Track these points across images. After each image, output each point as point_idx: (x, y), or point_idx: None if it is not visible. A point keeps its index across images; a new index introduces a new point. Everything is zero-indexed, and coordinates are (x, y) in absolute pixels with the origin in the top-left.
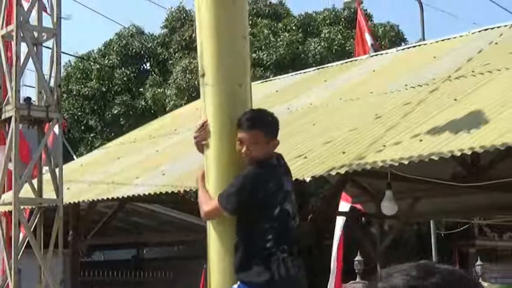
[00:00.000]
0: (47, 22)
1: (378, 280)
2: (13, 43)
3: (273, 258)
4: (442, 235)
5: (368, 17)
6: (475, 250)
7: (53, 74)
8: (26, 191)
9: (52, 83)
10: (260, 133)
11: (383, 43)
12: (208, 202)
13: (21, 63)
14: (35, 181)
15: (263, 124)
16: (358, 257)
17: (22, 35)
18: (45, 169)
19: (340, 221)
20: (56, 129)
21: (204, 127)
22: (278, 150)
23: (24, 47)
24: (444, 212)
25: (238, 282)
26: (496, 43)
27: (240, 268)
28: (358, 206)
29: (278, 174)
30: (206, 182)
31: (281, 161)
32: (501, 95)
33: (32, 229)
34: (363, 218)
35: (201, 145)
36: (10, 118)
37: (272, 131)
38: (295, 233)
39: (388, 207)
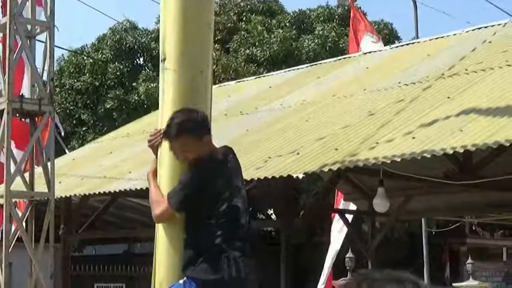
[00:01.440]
0: (41, 15)
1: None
2: (7, 36)
3: (223, 255)
4: (434, 233)
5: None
6: (466, 248)
7: (46, 68)
8: (18, 185)
9: (45, 77)
10: (187, 137)
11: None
12: (160, 204)
13: (14, 56)
14: (27, 175)
15: (188, 127)
16: (349, 254)
17: (15, 28)
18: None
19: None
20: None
21: (160, 133)
22: (270, 146)
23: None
24: (436, 210)
25: (184, 278)
26: (490, 42)
27: (188, 264)
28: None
29: (224, 170)
30: (159, 178)
31: (228, 156)
32: (493, 93)
33: (23, 223)
34: None
35: (155, 148)
36: (2, 110)
37: (200, 129)
38: (248, 230)
39: (380, 204)
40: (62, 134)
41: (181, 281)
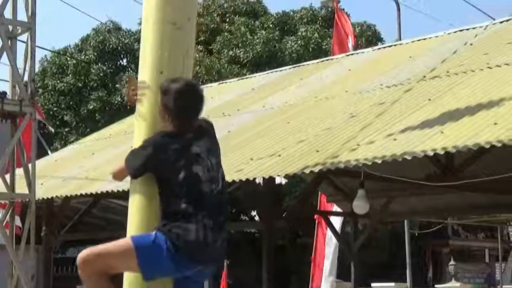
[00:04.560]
0: (22, 16)
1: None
2: None
3: (193, 219)
4: (416, 234)
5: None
6: (449, 249)
7: (27, 68)
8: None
9: (26, 78)
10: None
11: (359, 42)
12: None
13: None
14: (8, 176)
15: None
16: None
17: None
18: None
19: (337, 222)
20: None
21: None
22: (252, 148)
23: None
24: (418, 212)
25: (155, 230)
26: (471, 44)
27: (161, 220)
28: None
29: (182, 137)
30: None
31: (197, 127)
32: (474, 95)
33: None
34: None
35: (133, 99)
36: None
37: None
38: (216, 199)
39: (360, 206)
40: (52, 131)
41: (152, 233)
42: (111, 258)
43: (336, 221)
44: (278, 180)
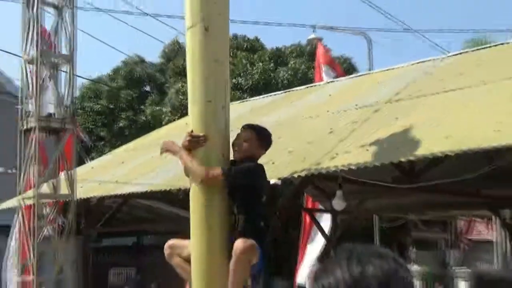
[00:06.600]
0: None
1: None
2: (36, 67)
3: (263, 235)
4: (385, 227)
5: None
6: (411, 240)
7: (69, 93)
8: (48, 189)
9: (68, 101)
10: (259, 140)
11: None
12: (209, 168)
13: (42, 84)
14: (53, 181)
15: (265, 134)
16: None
17: (43, 60)
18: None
19: (327, 219)
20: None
21: (201, 139)
22: None
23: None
24: (386, 209)
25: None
26: (429, 73)
27: (248, 233)
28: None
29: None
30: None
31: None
32: (430, 115)
33: (51, 219)
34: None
35: (186, 148)
36: (32, 128)
37: (267, 143)
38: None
39: (338, 204)
40: (90, 144)
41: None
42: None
43: (327, 218)
44: (272, 181)
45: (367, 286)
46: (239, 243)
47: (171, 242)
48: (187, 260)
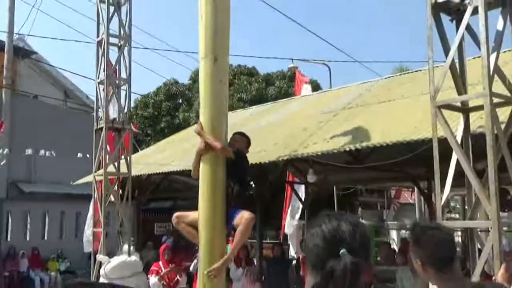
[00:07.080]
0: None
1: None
2: (105, 87)
3: (251, 199)
4: (340, 194)
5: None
6: (359, 203)
7: (126, 104)
8: (111, 169)
9: (126, 109)
10: (243, 140)
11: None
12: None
13: (108, 97)
14: (116, 163)
15: (245, 136)
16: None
17: (109, 82)
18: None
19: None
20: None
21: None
22: (250, 148)
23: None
24: (342, 182)
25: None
26: (369, 90)
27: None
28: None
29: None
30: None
31: None
32: (370, 118)
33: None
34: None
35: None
36: (102, 128)
37: (248, 142)
38: None
39: (310, 178)
40: (140, 139)
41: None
42: None
43: (301, 188)
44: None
45: (342, 232)
46: (246, 214)
47: (177, 213)
48: (190, 225)
